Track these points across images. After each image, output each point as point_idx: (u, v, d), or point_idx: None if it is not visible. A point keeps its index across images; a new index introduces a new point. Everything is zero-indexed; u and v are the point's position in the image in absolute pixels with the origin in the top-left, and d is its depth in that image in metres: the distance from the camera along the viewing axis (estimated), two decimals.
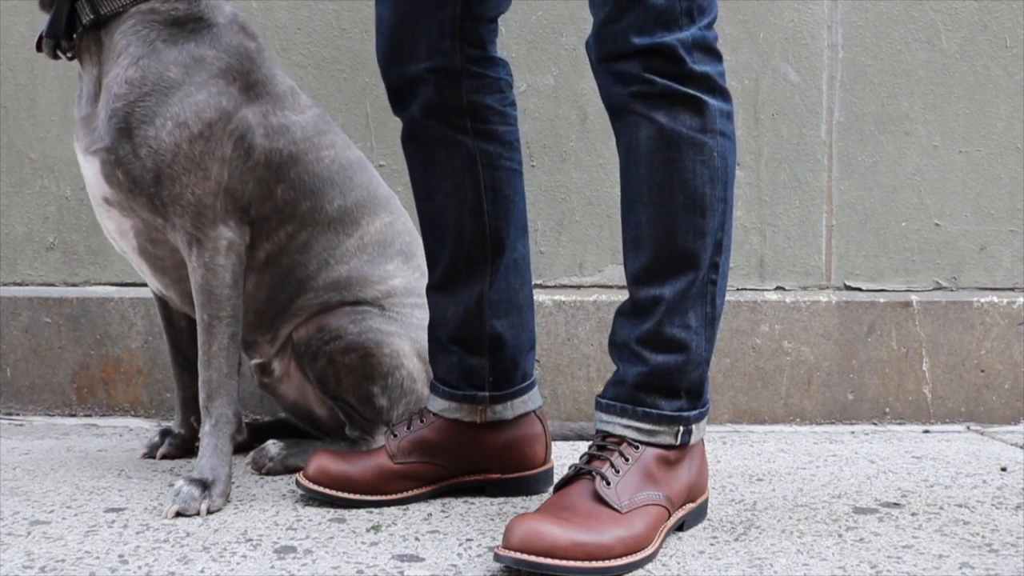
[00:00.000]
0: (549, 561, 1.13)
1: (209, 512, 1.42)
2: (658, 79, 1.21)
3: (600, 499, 1.22)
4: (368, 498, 1.45)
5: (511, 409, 1.51)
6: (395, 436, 1.48)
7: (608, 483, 1.23)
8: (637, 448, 1.27)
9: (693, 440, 1.32)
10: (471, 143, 1.44)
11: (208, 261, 1.50)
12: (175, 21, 1.51)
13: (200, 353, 1.51)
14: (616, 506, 1.21)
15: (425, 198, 1.49)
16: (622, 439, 1.28)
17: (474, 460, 1.51)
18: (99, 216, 1.59)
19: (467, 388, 1.49)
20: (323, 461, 1.45)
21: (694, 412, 1.31)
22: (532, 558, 1.13)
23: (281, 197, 1.60)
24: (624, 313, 1.31)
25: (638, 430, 1.28)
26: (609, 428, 1.30)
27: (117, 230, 1.58)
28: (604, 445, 1.28)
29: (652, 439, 1.28)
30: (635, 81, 1.23)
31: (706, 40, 1.24)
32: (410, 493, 1.48)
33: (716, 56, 1.26)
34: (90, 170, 1.53)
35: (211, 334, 1.51)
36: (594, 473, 1.24)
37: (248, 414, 2.07)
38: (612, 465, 1.25)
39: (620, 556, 1.17)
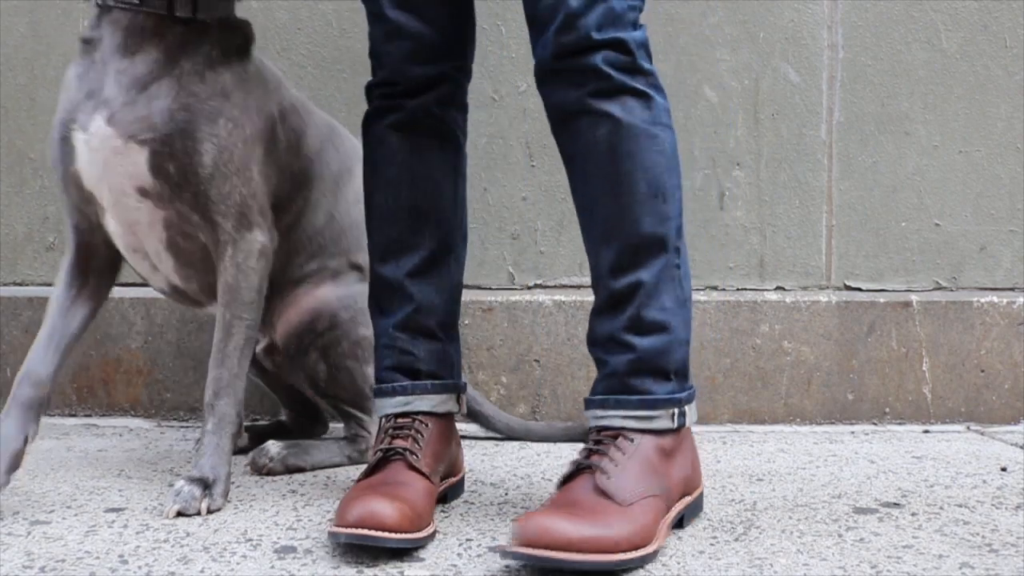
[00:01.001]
0: (562, 555, 1.12)
1: (210, 511, 1.42)
2: (614, 73, 1.29)
3: (603, 492, 1.22)
4: (432, 528, 1.30)
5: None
6: (416, 455, 1.36)
7: (608, 476, 1.23)
8: (632, 440, 1.28)
9: (688, 422, 1.34)
10: (459, 136, 1.52)
11: (241, 262, 1.52)
12: (244, 37, 1.60)
13: (214, 350, 1.52)
14: (618, 499, 1.21)
15: (410, 185, 1.48)
16: (618, 432, 1.29)
17: (452, 456, 1.48)
18: (122, 211, 1.51)
19: (450, 377, 1.49)
20: (385, 508, 1.22)
21: (684, 393, 1.33)
22: (544, 552, 1.12)
23: (299, 169, 1.67)
24: (600, 310, 1.33)
25: (636, 418, 1.29)
26: (605, 422, 1.30)
27: (147, 222, 1.53)
28: (600, 439, 1.29)
29: (649, 425, 1.29)
30: (591, 79, 1.29)
31: (647, 42, 1.34)
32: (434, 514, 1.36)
33: (651, 58, 1.35)
34: (128, 159, 1.47)
35: (229, 333, 1.52)
36: (594, 467, 1.24)
37: (248, 414, 2.07)
38: (610, 458, 1.25)
39: (627, 550, 1.17)
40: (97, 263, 1.60)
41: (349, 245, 1.75)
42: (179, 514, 1.40)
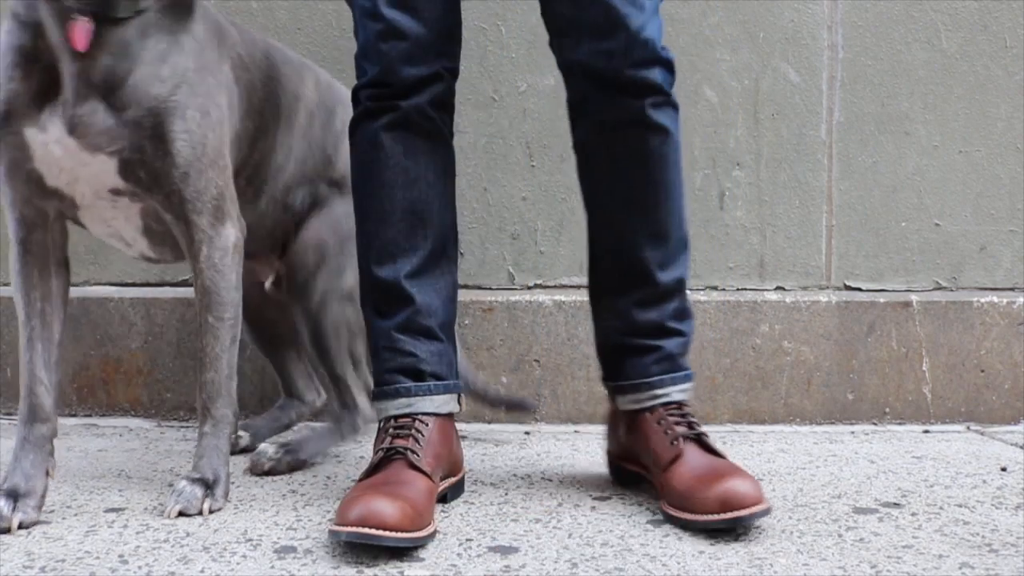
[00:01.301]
0: (756, 508, 1.29)
1: (211, 511, 1.42)
2: (669, 89, 1.43)
3: (721, 454, 1.39)
4: (432, 528, 1.30)
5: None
6: (417, 455, 1.37)
7: (711, 439, 1.42)
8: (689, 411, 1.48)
9: None
10: (448, 136, 1.54)
11: (217, 262, 1.50)
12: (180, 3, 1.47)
13: (202, 353, 1.52)
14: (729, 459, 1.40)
15: (404, 187, 1.48)
16: (681, 404, 1.48)
17: (452, 456, 1.49)
18: (96, 210, 1.49)
19: (451, 377, 1.50)
20: (386, 507, 1.22)
21: None
22: (751, 510, 1.28)
23: (255, 127, 1.62)
24: (647, 302, 1.49)
25: (684, 391, 1.49)
26: (669, 398, 1.48)
27: (124, 216, 1.51)
28: (672, 413, 1.46)
29: (688, 397, 1.50)
30: (652, 91, 1.41)
31: None
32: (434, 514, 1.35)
33: None
34: (97, 168, 1.42)
35: (214, 336, 1.51)
36: (701, 435, 1.42)
37: (247, 414, 2.07)
38: (697, 426, 1.44)
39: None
40: (56, 255, 1.50)
41: (317, 164, 1.76)
42: (180, 514, 1.40)
